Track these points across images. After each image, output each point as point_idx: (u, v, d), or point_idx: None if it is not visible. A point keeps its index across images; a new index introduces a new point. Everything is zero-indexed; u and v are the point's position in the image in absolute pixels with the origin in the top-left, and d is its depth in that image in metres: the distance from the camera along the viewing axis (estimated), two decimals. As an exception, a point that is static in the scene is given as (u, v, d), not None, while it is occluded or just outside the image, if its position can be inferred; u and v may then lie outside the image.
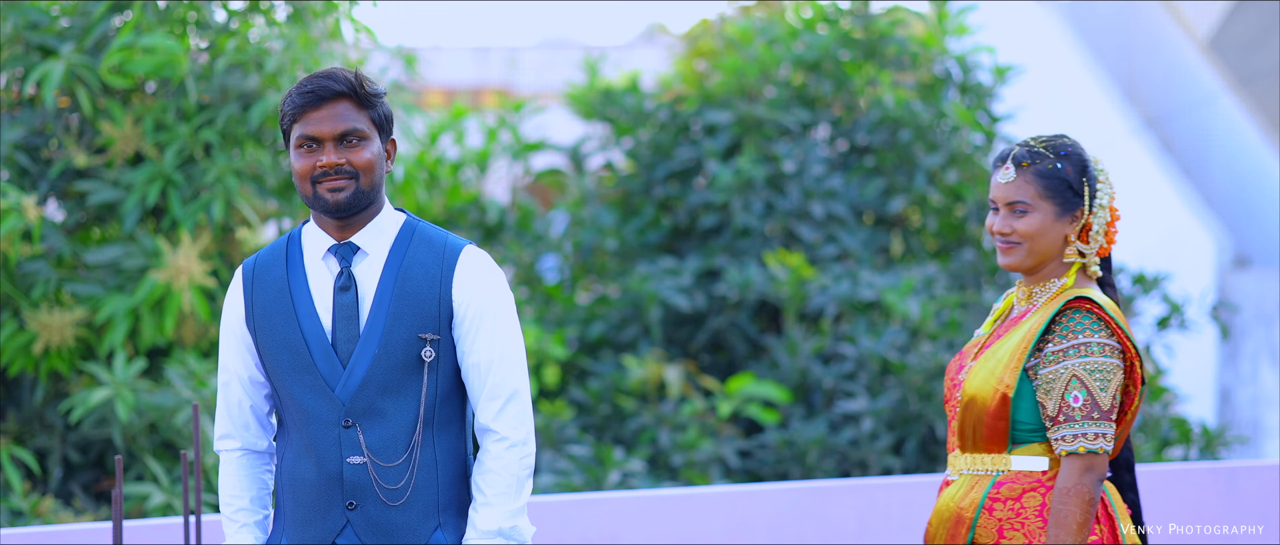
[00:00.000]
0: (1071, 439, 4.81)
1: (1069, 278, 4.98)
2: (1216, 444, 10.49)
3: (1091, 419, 4.81)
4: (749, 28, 12.47)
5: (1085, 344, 4.83)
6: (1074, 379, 4.82)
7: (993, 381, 4.91)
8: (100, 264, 8.84)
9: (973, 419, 4.96)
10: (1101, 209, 4.99)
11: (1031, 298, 5.03)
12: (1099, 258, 5.05)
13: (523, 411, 4.59)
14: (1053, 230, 4.95)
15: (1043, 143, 4.98)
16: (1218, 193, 17.94)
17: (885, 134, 12.09)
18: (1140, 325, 12.05)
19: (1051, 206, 4.94)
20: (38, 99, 9.04)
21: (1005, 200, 4.97)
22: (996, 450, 4.94)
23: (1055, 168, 4.94)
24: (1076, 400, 4.81)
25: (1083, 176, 4.96)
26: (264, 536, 4.77)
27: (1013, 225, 4.96)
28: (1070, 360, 4.83)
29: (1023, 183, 4.95)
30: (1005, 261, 5.01)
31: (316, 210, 4.60)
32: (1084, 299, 4.88)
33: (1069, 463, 4.82)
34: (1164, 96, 18.48)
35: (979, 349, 5.07)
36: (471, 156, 12.93)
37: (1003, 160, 5.00)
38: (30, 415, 8.98)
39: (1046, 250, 4.97)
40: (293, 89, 4.58)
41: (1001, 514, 4.90)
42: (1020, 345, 4.90)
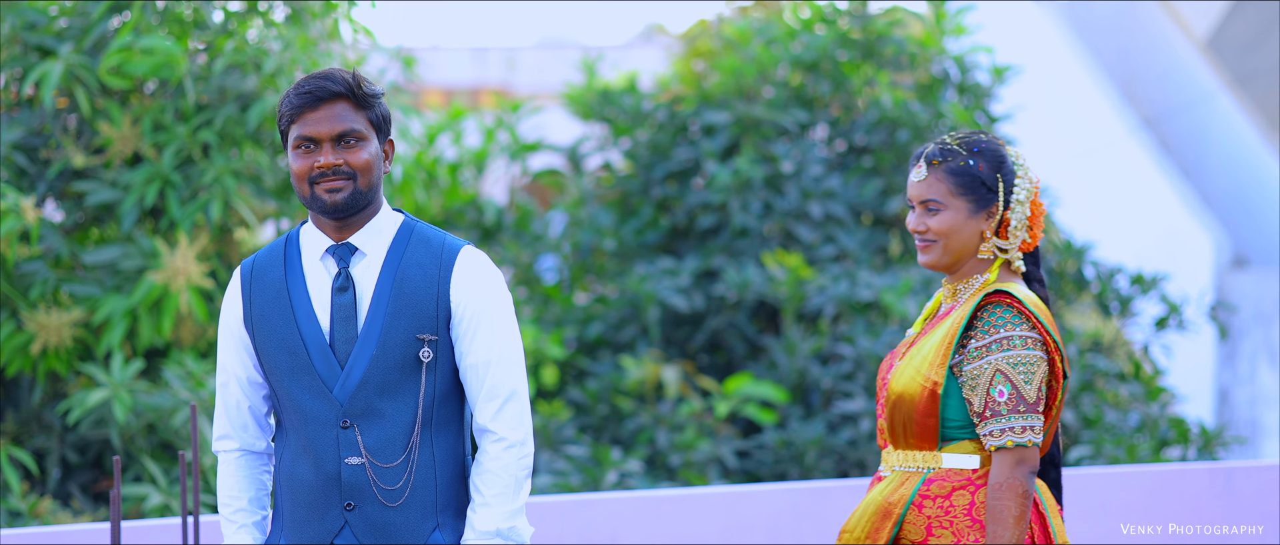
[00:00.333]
0: (999, 433, 4.80)
1: (992, 274, 4.97)
2: (1215, 444, 10.49)
3: (1018, 412, 4.79)
4: (747, 28, 12.47)
5: (1007, 338, 4.83)
6: (998, 373, 4.81)
7: (920, 378, 4.90)
8: (98, 264, 8.84)
9: (902, 416, 4.95)
10: (1020, 204, 4.98)
11: (956, 295, 5.03)
12: (1024, 253, 5.06)
13: (521, 412, 4.59)
14: (967, 227, 4.95)
15: (957, 140, 4.99)
16: (1216, 193, 17.95)
17: (883, 134, 12.09)
18: (1138, 325, 12.05)
19: (964, 203, 4.94)
20: (36, 99, 9.04)
21: (918, 199, 4.98)
22: (927, 447, 4.94)
23: (967, 165, 4.94)
24: (1002, 395, 4.81)
25: (997, 172, 4.96)
26: (262, 537, 4.77)
27: (926, 223, 4.96)
28: (993, 355, 4.82)
29: (934, 181, 4.96)
30: (923, 260, 5.01)
31: (314, 211, 4.60)
32: (1002, 293, 4.88)
33: (1000, 458, 4.81)
34: (1162, 96, 18.49)
35: (907, 347, 5.07)
36: (469, 157, 12.93)
37: (917, 159, 5.01)
38: (28, 416, 8.98)
39: (962, 247, 4.97)
40: (290, 90, 4.58)
41: (931, 512, 4.89)
42: (943, 341, 4.90)
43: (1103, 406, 10.88)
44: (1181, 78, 18.27)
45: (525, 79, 23.64)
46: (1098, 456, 10.21)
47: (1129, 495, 8.39)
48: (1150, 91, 18.60)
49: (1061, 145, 17.26)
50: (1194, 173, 18.09)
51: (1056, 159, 16.50)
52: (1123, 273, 11.94)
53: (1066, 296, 11.97)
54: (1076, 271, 11.95)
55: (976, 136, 5.00)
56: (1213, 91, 17.83)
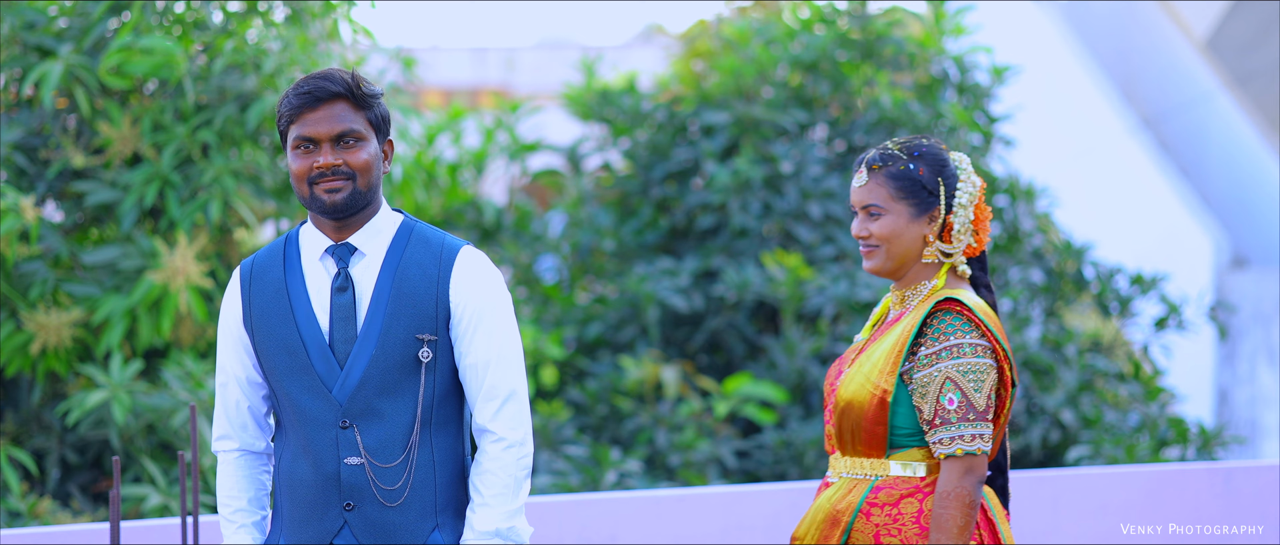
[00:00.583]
0: (948, 441, 4.80)
1: (939, 279, 4.97)
2: (1214, 444, 10.49)
3: (967, 420, 4.79)
4: (746, 28, 12.47)
5: (957, 345, 4.83)
6: (948, 381, 4.81)
7: (869, 386, 4.90)
8: (97, 265, 8.84)
9: (851, 423, 4.95)
10: (963, 208, 4.97)
11: (904, 301, 5.03)
12: (969, 257, 5.05)
13: (520, 412, 4.59)
14: (909, 231, 4.95)
15: (898, 145, 4.99)
16: (1215, 193, 17.95)
17: (883, 134, 12.09)
18: (1138, 326, 12.06)
19: (905, 208, 4.94)
20: (36, 100, 9.04)
21: (860, 204, 4.98)
22: (875, 455, 4.93)
23: (907, 169, 4.94)
24: (951, 402, 4.80)
25: (938, 176, 4.96)
26: (262, 537, 4.77)
27: (869, 228, 4.97)
28: (943, 362, 4.82)
29: (875, 185, 4.96)
30: (867, 266, 5.01)
31: (314, 211, 4.60)
32: (953, 300, 4.88)
33: (948, 466, 4.81)
34: (1161, 96, 18.49)
35: (856, 353, 5.06)
36: (469, 157, 12.93)
37: (858, 165, 5.01)
38: (28, 416, 8.98)
39: (905, 252, 4.96)
40: (289, 90, 4.58)
41: (879, 519, 4.88)
42: (893, 349, 4.89)
43: (1102, 406, 10.89)
44: (1181, 78, 18.27)
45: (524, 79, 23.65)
46: (1097, 456, 10.21)
47: (1128, 495, 8.39)
48: (1149, 91, 18.60)
49: (1061, 145, 17.26)
50: (1193, 173, 18.09)
51: (1056, 159, 16.51)
52: (1122, 273, 11.95)
53: (1066, 296, 11.98)
54: (1076, 271, 11.95)
55: (918, 141, 5.00)
56: (1212, 91, 17.83)
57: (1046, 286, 11.92)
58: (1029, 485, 8.35)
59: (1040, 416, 10.87)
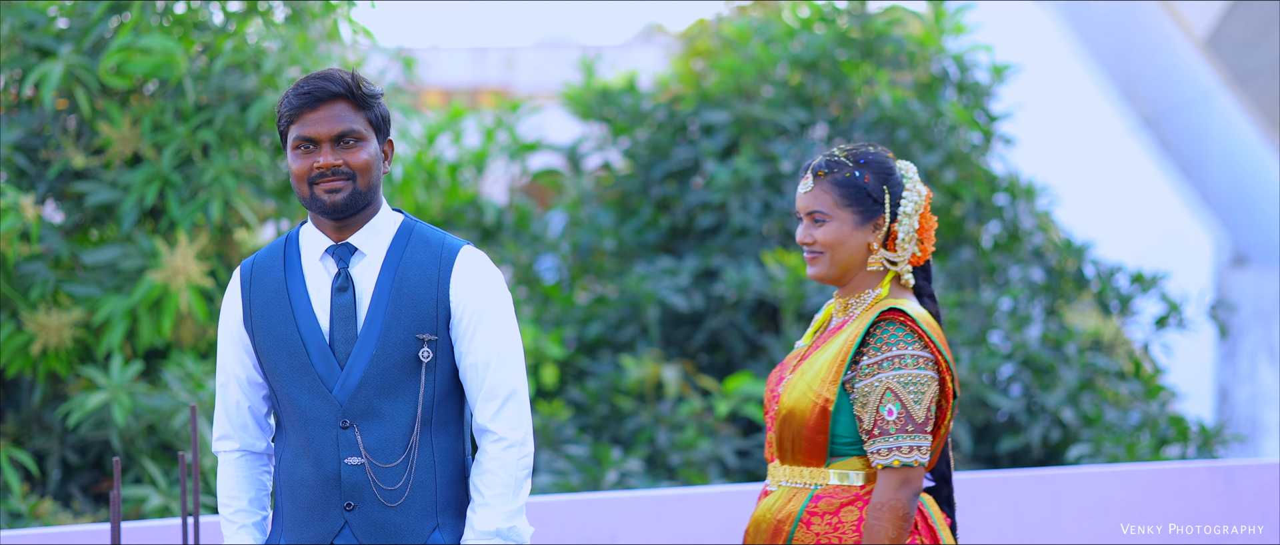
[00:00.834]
0: (886, 452, 4.79)
1: (883, 288, 4.97)
2: (1214, 442, 10.49)
3: (906, 432, 4.79)
4: (746, 27, 12.47)
5: (899, 356, 4.82)
6: (888, 392, 4.80)
7: (811, 394, 4.89)
8: (98, 265, 8.83)
9: (791, 432, 4.94)
10: (907, 217, 4.97)
11: (847, 309, 5.02)
12: (914, 266, 5.05)
13: (520, 412, 4.59)
14: (853, 239, 4.95)
15: (845, 152, 4.98)
16: (1215, 191, 17.95)
17: (882, 133, 12.09)
18: (1138, 324, 12.05)
19: (850, 215, 4.94)
20: (36, 100, 9.04)
21: (805, 210, 4.98)
22: (815, 464, 4.93)
23: (852, 176, 4.94)
24: (891, 413, 4.80)
25: (883, 184, 4.95)
26: (262, 537, 4.77)
27: (813, 235, 4.96)
28: (884, 373, 4.81)
29: (820, 192, 4.95)
30: (811, 272, 5.00)
31: (314, 211, 4.60)
32: (897, 311, 4.87)
33: (884, 476, 4.80)
34: (1161, 95, 18.49)
35: (798, 361, 5.06)
36: (469, 157, 12.93)
37: (804, 171, 5.01)
38: (28, 417, 8.98)
39: (849, 259, 4.96)
40: (289, 90, 4.58)
41: (819, 528, 4.87)
42: (836, 358, 4.89)
43: (1103, 405, 10.89)
44: (1181, 76, 18.27)
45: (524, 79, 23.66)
46: (1098, 455, 10.21)
47: (1129, 494, 8.39)
48: (1149, 90, 18.60)
49: (1061, 144, 17.26)
50: (1193, 171, 18.09)
51: (1056, 158, 16.50)
52: (1123, 271, 11.95)
53: (1066, 295, 11.98)
54: (1077, 270, 11.95)
55: (865, 149, 5.00)
56: (1212, 90, 17.83)
57: (1047, 285, 11.92)
58: (1029, 484, 8.35)
59: (1041, 415, 10.87)
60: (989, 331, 11.28)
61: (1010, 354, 10.98)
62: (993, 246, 12.34)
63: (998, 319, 11.40)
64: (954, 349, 10.81)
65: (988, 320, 11.37)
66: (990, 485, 8.36)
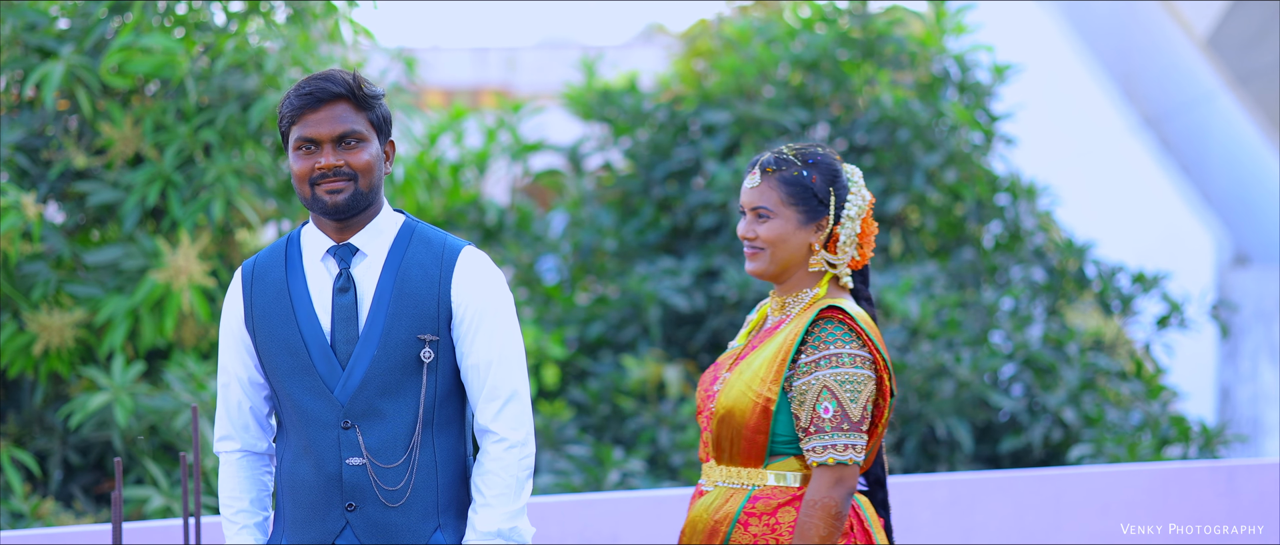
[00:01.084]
0: (821, 450, 4.79)
1: (821, 288, 4.97)
2: (1216, 442, 10.49)
3: (841, 430, 4.79)
4: (747, 27, 12.48)
5: (836, 355, 4.82)
6: (825, 390, 4.81)
7: (751, 394, 4.89)
8: (100, 265, 8.84)
9: (730, 432, 4.93)
10: (850, 220, 4.98)
11: (784, 308, 5.02)
12: (853, 270, 5.05)
13: (522, 412, 4.59)
14: (795, 237, 4.95)
15: (794, 150, 4.99)
16: (1216, 191, 17.96)
17: (884, 133, 12.09)
18: (1140, 324, 12.06)
19: (794, 214, 4.94)
20: (37, 101, 9.04)
21: (750, 205, 4.98)
22: (753, 464, 4.92)
23: (800, 175, 4.94)
24: (826, 411, 4.80)
25: (830, 186, 4.96)
26: (264, 538, 4.77)
27: (756, 230, 4.97)
28: (821, 371, 4.82)
29: (767, 188, 4.95)
30: (750, 267, 5.00)
31: (315, 212, 4.60)
32: (835, 309, 4.88)
33: (819, 474, 4.80)
34: (1162, 95, 18.49)
35: (733, 360, 5.04)
36: (471, 157, 12.94)
37: (752, 166, 5.00)
38: (30, 417, 8.98)
39: (789, 257, 4.97)
40: (291, 91, 4.58)
41: (757, 529, 4.86)
42: (776, 357, 4.88)
43: (1104, 405, 10.89)
44: (1182, 76, 18.27)
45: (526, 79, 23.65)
46: (1099, 455, 10.21)
47: (1130, 494, 8.39)
48: (1150, 90, 18.60)
49: (1062, 144, 17.26)
50: (1195, 171, 18.09)
51: (1057, 157, 16.50)
52: (1124, 271, 11.95)
53: (1068, 295, 11.98)
54: (1078, 270, 11.95)
55: (813, 149, 5.01)
56: (1213, 90, 17.83)
57: (1048, 285, 11.92)
58: (1031, 484, 8.35)
59: (1042, 415, 10.87)
60: (990, 331, 11.28)
61: (1011, 354, 10.98)
62: (994, 246, 12.34)
63: (999, 319, 11.40)
64: (956, 348, 10.82)
65: (989, 320, 11.37)
66: (992, 485, 8.36)
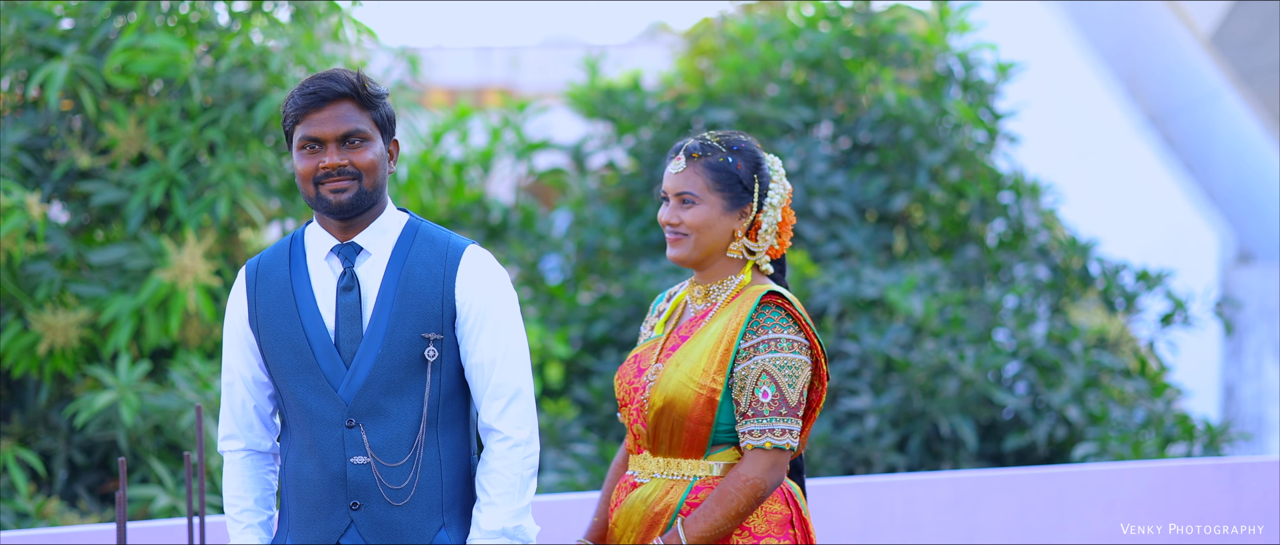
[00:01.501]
0: (758, 434, 4.78)
1: (746, 275, 4.97)
2: (1220, 440, 10.49)
3: (779, 415, 4.79)
4: (751, 26, 12.48)
5: (776, 339, 4.82)
6: (764, 374, 4.80)
7: (693, 386, 4.86)
8: (104, 264, 8.84)
9: (670, 423, 4.90)
10: (772, 209, 4.97)
11: (708, 296, 5.00)
12: (771, 258, 5.04)
13: (526, 411, 4.60)
14: (720, 224, 4.93)
15: (717, 137, 4.97)
16: (1220, 189, 17.95)
17: (887, 132, 12.10)
18: (1144, 322, 12.06)
19: (719, 199, 4.92)
20: (41, 100, 9.05)
21: (675, 191, 4.96)
22: (694, 455, 4.89)
23: (726, 162, 4.93)
24: (765, 395, 4.79)
25: (754, 173, 4.96)
26: (269, 537, 4.77)
27: (680, 216, 4.94)
28: (761, 355, 4.81)
29: (692, 174, 4.93)
30: (673, 253, 4.98)
31: (319, 211, 4.60)
32: (778, 294, 4.88)
33: (754, 455, 4.79)
34: (1166, 93, 18.49)
35: (660, 351, 5.01)
36: (475, 156, 12.94)
37: (676, 152, 4.99)
38: (35, 417, 8.99)
39: (713, 244, 4.95)
40: (294, 90, 4.58)
41: None
42: (717, 347, 4.86)
43: (1108, 403, 10.88)
44: (1186, 74, 18.27)
45: (529, 78, 23.67)
46: (1103, 453, 10.21)
47: (1134, 492, 8.39)
48: (1154, 88, 18.60)
49: (1066, 142, 17.26)
50: (1199, 169, 18.09)
51: (1061, 156, 16.50)
52: (1128, 269, 11.94)
53: (1072, 293, 11.98)
54: (1082, 268, 11.95)
55: (737, 136, 4.99)
56: (1217, 88, 17.83)
57: (1052, 283, 11.92)
58: (1035, 482, 8.35)
59: (1046, 413, 10.87)
60: (994, 329, 11.28)
61: (1015, 352, 10.98)
62: (998, 244, 12.34)
63: (1003, 317, 11.40)
64: (959, 346, 10.82)
65: (993, 318, 11.37)
66: (996, 483, 8.36)
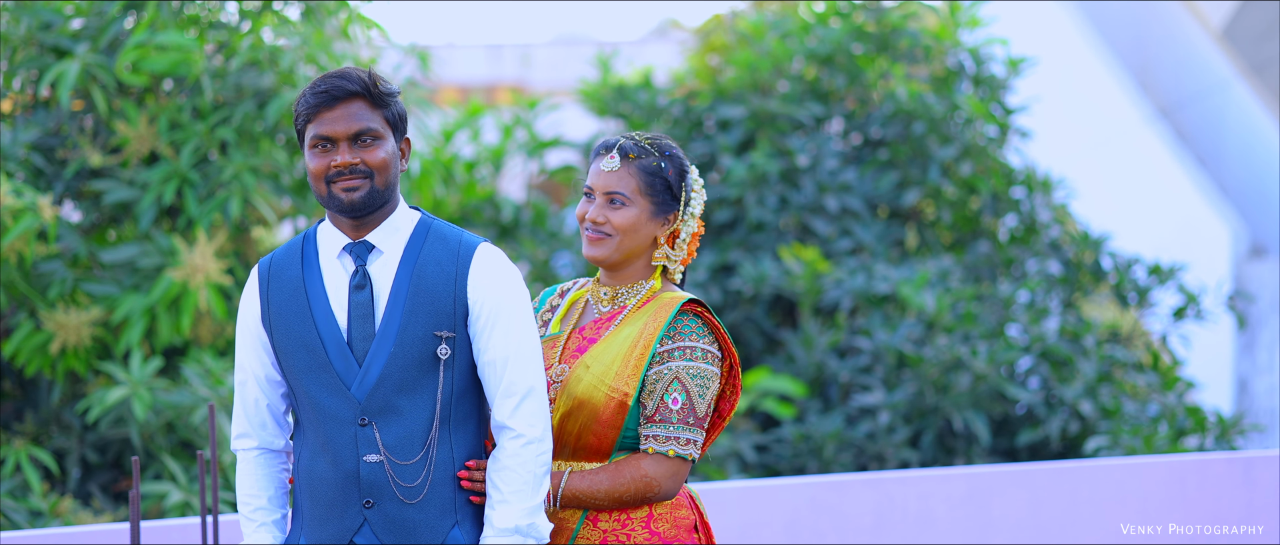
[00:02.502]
0: (663, 439, 4.73)
1: (657, 280, 4.92)
2: (1232, 432, 10.48)
3: (686, 424, 4.74)
4: (761, 22, 12.48)
5: (691, 347, 4.77)
6: (676, 381, 4.75)
7: (604, 389, 4.81)
8: (116, 263, 8.85)
9: (577, 426, 4.83)
10: (692, 218, 4.92)
11: (616, 299, 4.94)
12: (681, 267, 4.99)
13: (539, 408, 4.59)
14: (646, 228, 4.88)
15: (648, 140, 4.90)
16: (1232, 182, 17.93)
17: (899, 127, 12.09)
18: (1156, 316, 12.05)
19: (648, 204, 4.87)
20: (52, 100, 9.06)
21: (604, 189, 4.87)
22: (599, 458, 4.83)
23: (659, 166, 4.87)
24: (675, 403, 4.74)
25: (681, 181, 4.90)
26: (282, 535, 4.76)
27: (608, 215, 4.87)
28: (675, 361, 4.76)
29: (626, 174, 4.87)
30: (592, 252, 4.90)
31: (331, 210, 4.60)
32: (698, 303, 4.82)
33: (657, 460, 4.74)
34: (1177, 86, 18.46)
35: (563, 351, 4.95)
36: (486, 154, 12.95)
37: (608, 149, 4.91)
38: (48, 416, 9.00)
39: (635, 247, 4.89)
40: (306, 89, 4.58)
41: (607, 525, 4.78)
42: (632, 352, 4.80)
43: (1121, 397, 10.88)
44: (1197, 67, 18.24)
45: (541, 75, 23.67)
46: (1115, 447, 10.20)
47: (1147, 486, 8.38)
48: (1166, 81, 18.58)
49: (1077, 136, 17.24)
50: (1210, 162, 18.07)
51: (1072, 150, 16.48)
52: (1140, 263, 11.94)
53: (1084, 287, 11.97)
54: (1094, 262, 11.95)
55: (666, 141, 4.93)
56: (1228, 80, 17.80)
57: (1064, 277, 11.91)
58: (1048, 477, 8.35)
59: (1059, 408, 10.86)
60: (1006, 324, 11.28)
61: (1028, 346, 10.98)
62: (1010, 239, 12.34)
63: (1015, 312, 11.39)
64: (972, 342, 10.82)
65: (1005, 313, 11.37)
66: (1009, 478, 8.36)
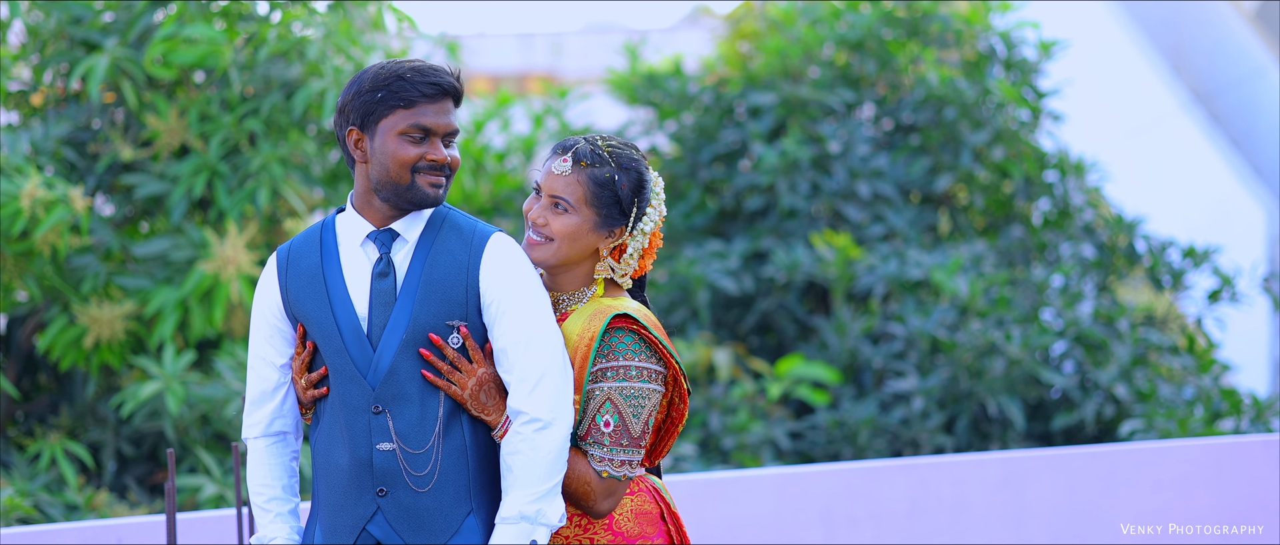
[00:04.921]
0: (599, 460, 4.65)
1: (599, 287, 4.80)
2: (1268, 413, 10.44)
3: (620, 445, 4.66)
4: (791, 8, 12.46)
5: (624, 367, 4.67)
6: (608, 403, 4.65)
7: None
8: (149, 257, 8.87)
9: None
10: (642, 234, 4.79)
11: (558, 305, 4.82)
12: (633, 279, 4.88)
13: (554, 392, 4.56)
14: (587, 239, 4.74)
15: (609, 149, 4.76)
16: (1267, 165, 17.86)
17: (930, 112, 12.06)
18: (1191, 299, 12.01)
19: (593, 215, 4.73)
20: (83, 94, 9.08)
21: (550, 191, 4.74)
22: None
23: (611, 178, 4.73)
24: (608, 425, 4.65)
25: (635, 196, 4.76)
26: (298, 523, 4.76)
27: (548, 218, 4.73)
28: (607, 382, 4.66)
29: (574, 180, 4.72)
30: (531, 253, 4.76)
31: (404, 201, 4.57)
32: (628, 318, 4.69)
33: (595, 481, 4.66)
34: (1212, 70, 18.40)
35: None
36: (517, 143, 12.94)
37: (564, 150, 4.77)
38: (83, 409, 9.03)
39: (574, 256, 4.75)
40: (403, 73, 4.53)
41: (568, 531, 4.72)
42: (575, 355, 4.69)
43: (1156, 380, 10.84)
44: (1231, 51, 18.18)
45: (572, 64, 23.66)
46: (1150, 430, 10.17)
47: (1184, 469, 8.36)
48: (1200, 65, 18.51)
49: (1111, 120, 17.19)
50: (1245, 145, 18.00)
51: (1106, 134, 16.43)
52: (1175, 246, 11.90)
53: (1118, 271, 11.94)
54: (1128, 246, 11.91)
55: (629, 153, 4.79)
56: (1263, 64, 17.73)
57: (1098, 261, 11.88)
58: (1084, 462, 8.32)
59: (1094, 392, 10.83)
60: (1041, 308, 11.25)
61: (1062, 331, 10.94)
62: (1043, 223, 12.30)
63: (1049, 296, 11.36)
64: (1006, 326, 10.79)
65: (1039, 297, 11.34)
66: (1045, 463, 8.34)
